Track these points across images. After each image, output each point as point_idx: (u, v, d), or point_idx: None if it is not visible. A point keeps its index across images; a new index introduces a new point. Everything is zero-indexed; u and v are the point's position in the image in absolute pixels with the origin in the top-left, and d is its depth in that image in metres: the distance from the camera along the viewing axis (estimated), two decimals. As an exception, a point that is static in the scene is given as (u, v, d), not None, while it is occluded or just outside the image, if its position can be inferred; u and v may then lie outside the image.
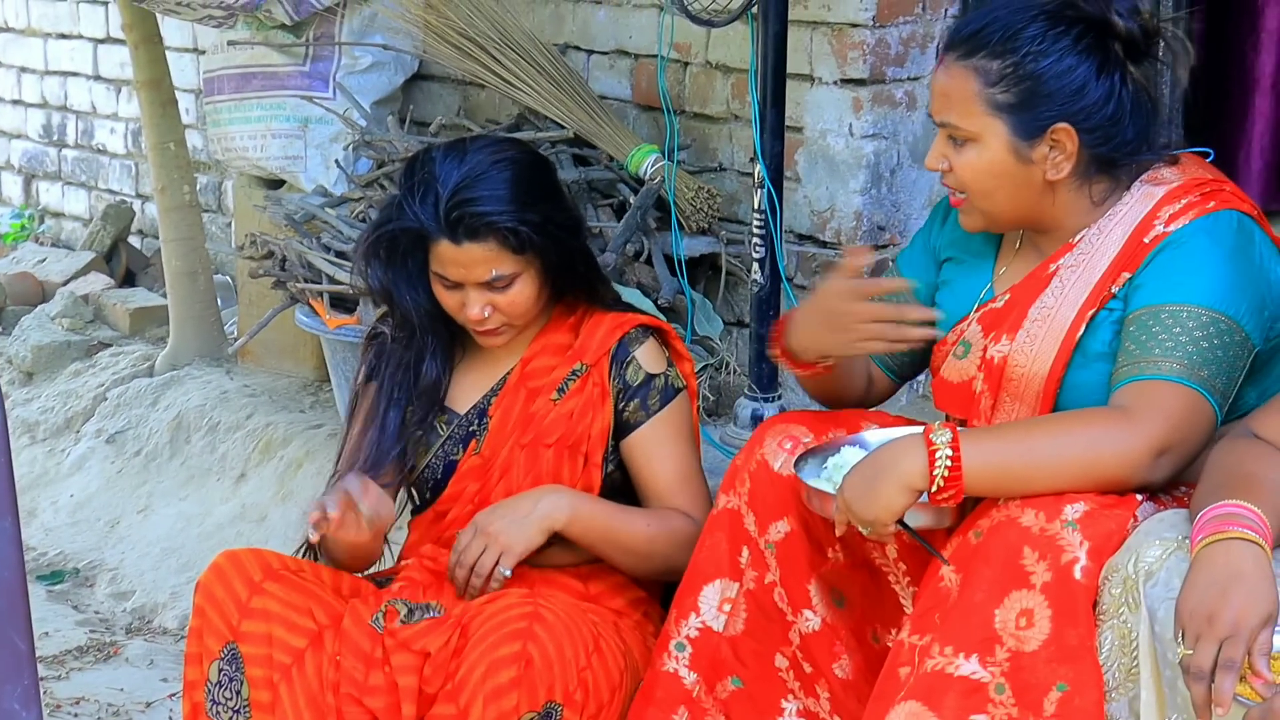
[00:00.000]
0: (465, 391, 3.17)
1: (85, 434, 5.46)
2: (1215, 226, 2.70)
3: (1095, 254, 2.77)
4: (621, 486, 3.15)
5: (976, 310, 2.89)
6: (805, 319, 2.93)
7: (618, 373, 3.11)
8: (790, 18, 3.89)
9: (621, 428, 3.12)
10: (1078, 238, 2.80)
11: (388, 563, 3.21)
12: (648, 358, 3.13)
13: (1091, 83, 2.72)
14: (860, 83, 4.19)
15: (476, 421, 3.13)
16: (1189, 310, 2.64)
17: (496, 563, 2.94)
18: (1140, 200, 2.77)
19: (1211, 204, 2.73)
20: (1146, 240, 2.72)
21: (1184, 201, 2.73)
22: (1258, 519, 2.34)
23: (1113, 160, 2.76)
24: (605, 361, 3.11)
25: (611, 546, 3.03)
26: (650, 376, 3.12)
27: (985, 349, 2.83)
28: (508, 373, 3.15)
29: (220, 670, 2.90)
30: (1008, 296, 2.85)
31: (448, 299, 3.05)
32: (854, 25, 4.17)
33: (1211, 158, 2.90)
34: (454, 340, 3.17)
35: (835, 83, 4.22)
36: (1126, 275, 2.73)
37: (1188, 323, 2.64)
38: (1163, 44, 2.82)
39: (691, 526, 3.05)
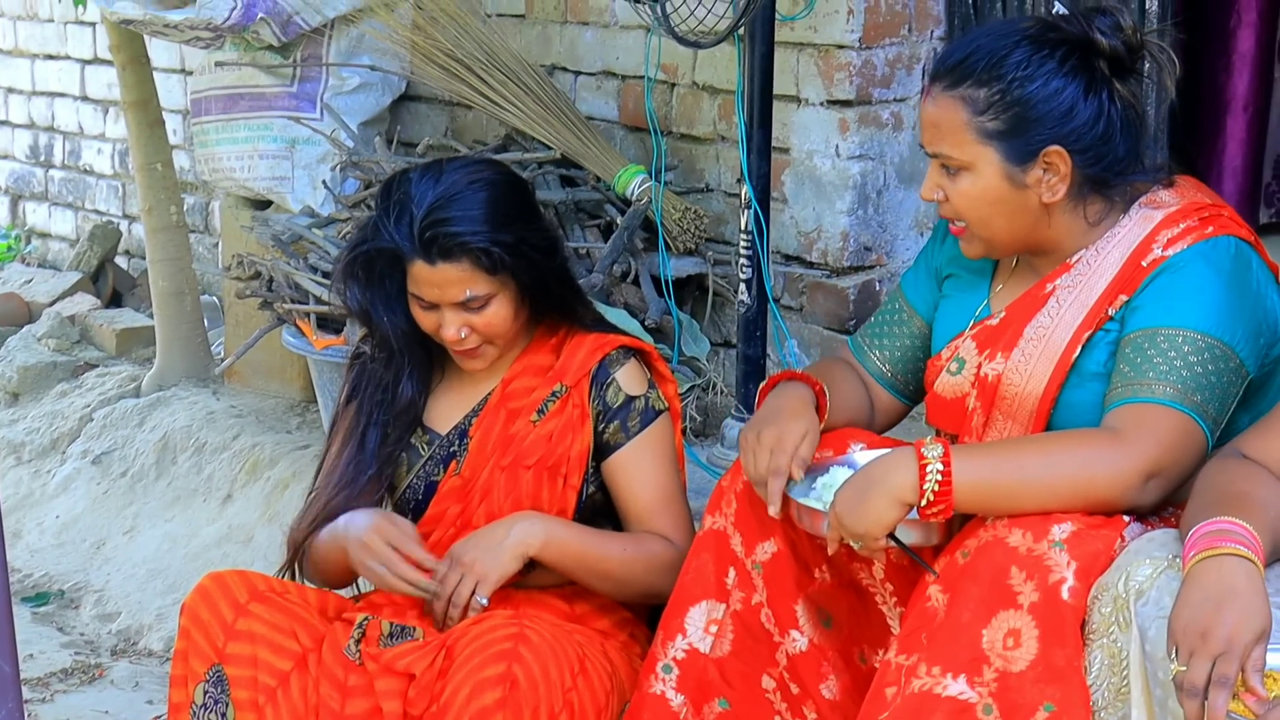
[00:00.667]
0: (447, 412, 3.17)
1: (71, 455, 5.45)
2: (1213, 252, 2.71)
3: (1092, 275, 2.78)
4: (603, 508, 3.14)
5: (972, 327, 2.89)
6: None
7: (598, 394, 3.10)
8: (777, 39, 3.90)
9: (602, 449, 3.11)
10: (1075, 258, 2.80)
11: (369, 585, 3.20)
12: (628, 379, 3.12)
13: (1080, 103, 2.73)
14: (847, 104, 4.20)
15: (457, 442, 3.13)
16: (1185, 335, 2.65)
17: (473, 592, 2.94)
18: (1138, 223, 2.77)
19: (1210, 229, 2.73)
20: (1144, 263, 2.72)
21: (1182, 226, 2.74)
22: (1250, 535, 2.34)
23: (1105, 180, 2.76)
24: (585, 383, 3.10)
25: (587, 571, 3.02)
26: (630, 398, 3.11)
27: (979, 366, 2.84)
28: (489, 393, 3.14)
29: (205, 693, 2.89)
30: (1003, 315, 2.85)
31: (425, 319, 3.05)
32: (840, 47, 4.18)
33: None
34: (431, 361, 3.17)
35: (822, 104, 4.23)
36: (1124, 298, 2.74)
37: (1183, 347, 2.64)
38: (1149, 57, 2.82)
39: (670, 550, 3.05)
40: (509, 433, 3.10)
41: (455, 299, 2.99)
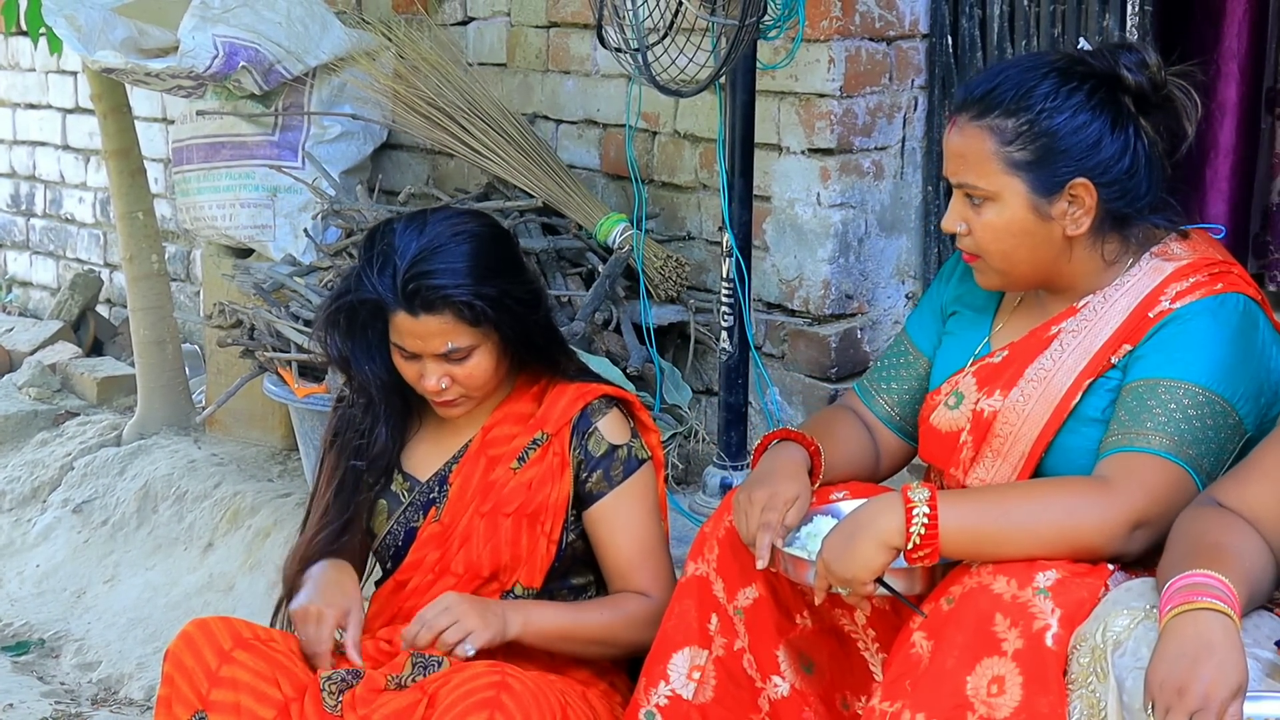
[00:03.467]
0: (427, 458, 3.17)
1: (52, 504, 5.43)
2: (1221, 308, 2.71)
3: (1098, 322, 2.78)
4: (583, 556, 3.14)
5: (973, 363, 2.89)
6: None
7: (579, 443, 3.10)
8: (758, 88, 3.92)
9: (584, 498, 3.11)
10: (1082, 303, 2.80)
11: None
12: (611, 428, 3.12)
13: (1106, 137, 2.73)
14: (828, 152, 4.21)
15: (437, 489, 3.13)
16: (1185, 388, 2.65)
17: (460, 639, 2.93)
18: (1149, 274, 2.77)
19: (1219, 285, 2.73)
20: (1151, 315, 2.73)
21: (1191, 280, 2.74)
22: (1226, 589, 2.34)
23: (1127, 216, 2.76)
24: (566, 432, 3.10)
25: (568, 645, 3.03)
26: (613, 447, 3.11)
27: (977, 402, 2.84)
28: (469, 440, 3.14)
29: None
30: (1005, 353, 2.85)
31: (406, 369, 3.05)
32: (821, 95, 4.20)
33: (1223, 235, 2.91)
34: (409, 410, 3.17)
35: (803, 152, 4.25)
36: (1127, 347, 2.74)
37: (1182, 400, 2.64)
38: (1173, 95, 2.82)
39: (648, 606, 3.06)
40: (489, 480, 3.10)
41: (437, 350, 2.99)
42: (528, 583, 3.09)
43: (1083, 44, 2.83)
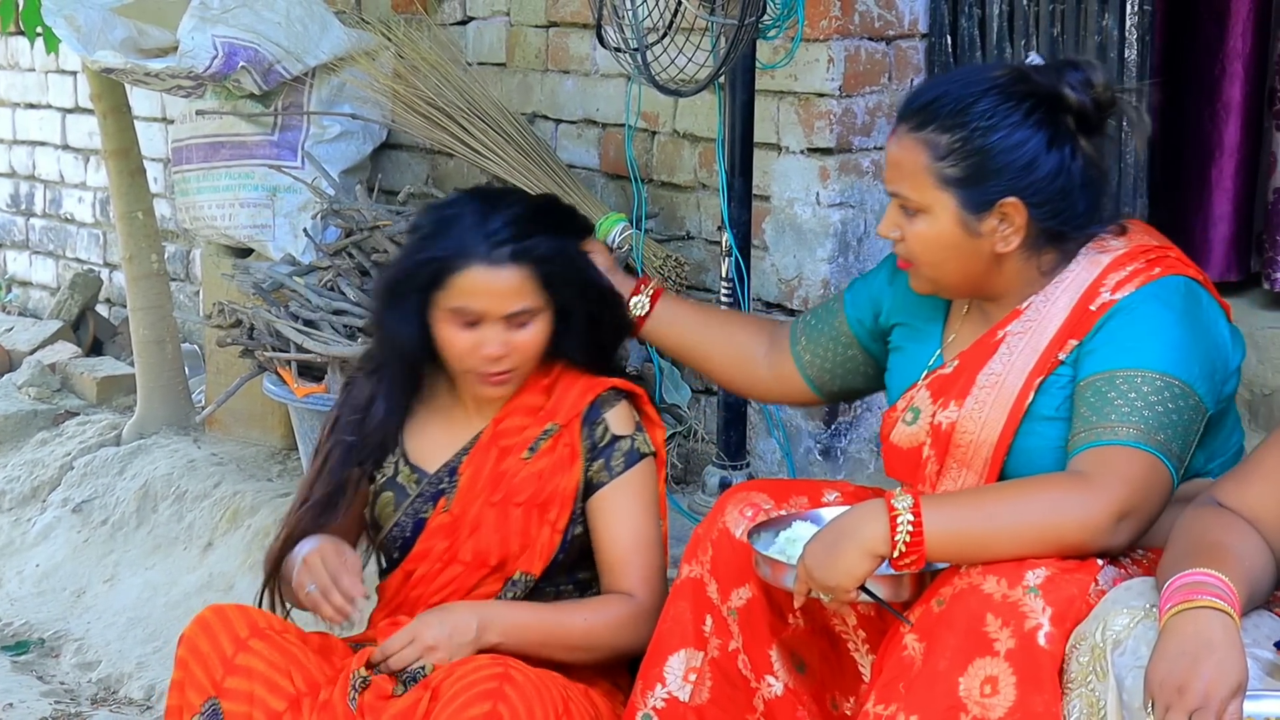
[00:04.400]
0: (435, 450, 3.18)
1: (51, 503, 5.43)
2: (1163, 292, 2.72)
3: (1042, 320, 2.78)
4: (588, 550, 3.15)
5: (925, 377, 2.90)
6: None
7: (588, 433, 3.12)
8: (757, 87, 3.92)
9: (588, 487, 3.12)
10: (1025, 304, 2.81)
11: (360, 625, 3.20)
12: (617, 420, 3.13)
13: (1041, 157, 2.73)
14: (827, 152, 4.21)
15: (446, 479, 3.14)
16: (1143, 375, 2.65)
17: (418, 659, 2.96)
18: (1086, 267, 2.78)
19: (1157, 270, 2.74)
20: (1093, 308, 2.73)
21: (1129, 269, 2.75)
22: (1226, 587, 2.34)
23: (1062, 233, 2.78)
24: (577, 423, 3.12)
25: (550, 649, 3.02)
26: (616, 438, 3.12)
27: (934, 415, 2.84)
28: (479, 432, 3.15)
29: None
30: (956, 363, 2.86)
31: (460, 340, 3.04)
32: (820, 95, 4.20)
33: None
34: (415, 391, 3.17)
35: (802, 152, 4.25)
36: (1074, 343, 2.74)
37: (1142, 388, 2.65)
38: (1123, 114, 2.84)
39: (632, 609, 3.06)
40: (500, 470, 3.11)
41: (507, 309, 3.02)
42: (527, 569, 3.09)
43: (1033, 58, 2.83)
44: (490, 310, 3.01)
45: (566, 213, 3.19)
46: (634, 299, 3.23)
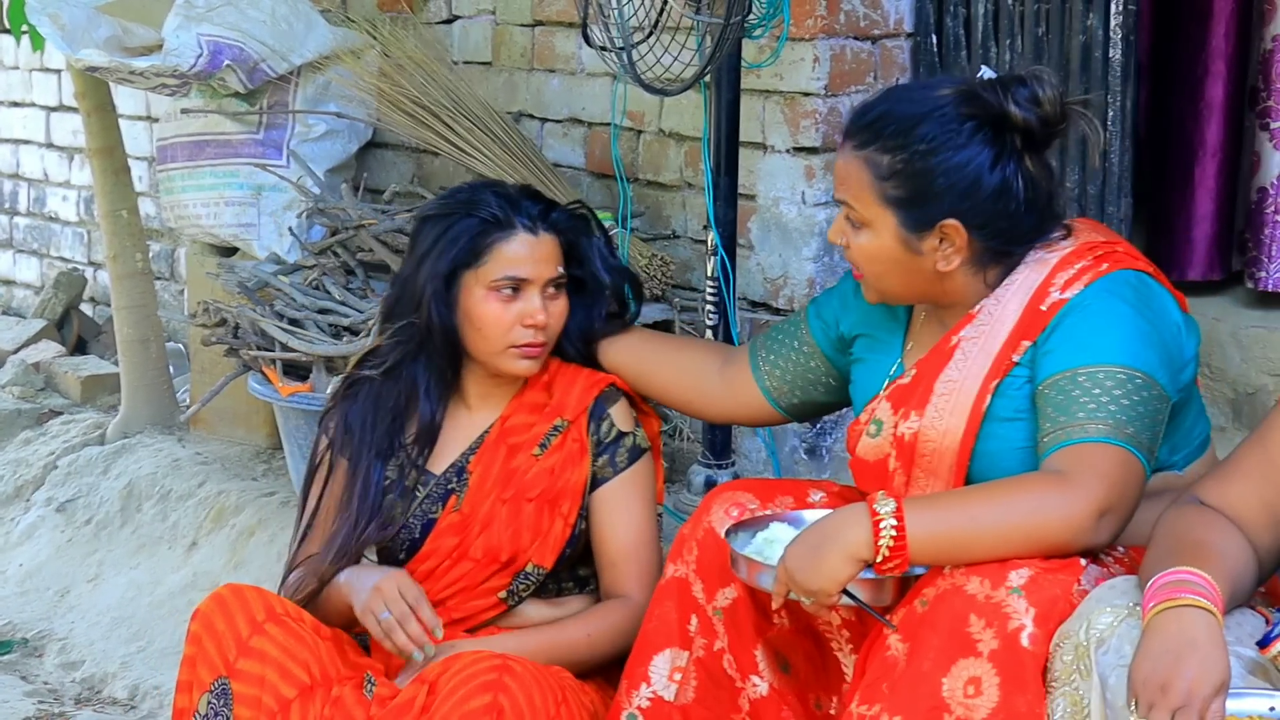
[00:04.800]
0: (441, 452, 3.19)
1: (35, 502, 5.42)
2: (1114, 285, 2.73)
3: (994, 324, 2.79)
4: (588, 544, 3.19)
5: (886, 387, 2.90)
6: None
7: (595, 428, 3.16)
8: (743, 87, 3.92)
9: (593, 482, 3.16)
10: (977, 308, 2.82)
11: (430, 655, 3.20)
12: (620, 416, 3.19)
13: (984, 179, 2.73)
14: (813, 151, 4.21)
15: (455, 479, 3.16)
16: (1105, 370, 2.66)
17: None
18: (1034, 268, 2.79)
19: (1105, 266, 2.75)
20: (1044, 308, 2.74)
21: (1077, 267, 2.75)
22: (1209, 585, 2.34)
23: (1005, 251, 2.79)
24: (584, 418, 3.16)
25: (557, 663, 3.04)
26: (621, 434, 3.18)
27: (896, 426, 2.85)
28: (485, 430, 3.18)
29: (209, 704, 2.90)
30: (914, 372, 2.86)
31: (505, 314, 3.08)
32: (806, 94, 4.20)
33: None
34: (457, 379, 3.19)
35: (788, 151, 4.25)
36: (1027, 343, 2.75)
37: (1106, 383, 2.65)
38: (1077, 125, 2.83)
39: (631, 612, 3.09)
40: (510, 467, 3.14)
41: (549, 275, 3.11)
42: (539, 561, 3.12)
43: (985, 72, 2.83)
44: (535, 276, 3.09)
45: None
46: None
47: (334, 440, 3.19)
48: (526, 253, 3.09)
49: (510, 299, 3.09)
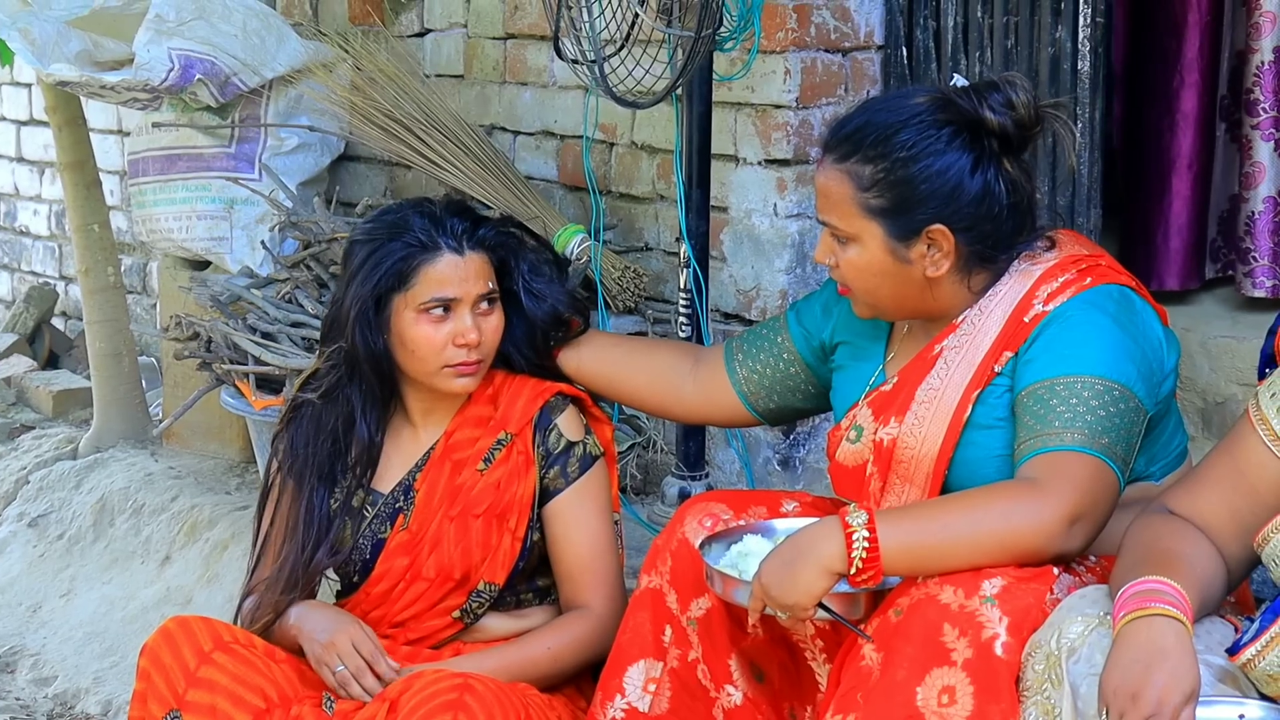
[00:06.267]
0: (387, 470, 3.18)
1: (7, 518, 5.40)
2: (1097, 298, 2.75)
3: (977, 334, 2.80)
4: (546, 556, 3.18)
5: (867, 395, 2.92)
6: None
7: (541, 440, 3.14)
8: (715, 99, 3.93)
9: (543, 495, 3.14)
10: (960, 318, 2.83)
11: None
12: (568, 425, 3.17)
13: (965, 183, 2.75)
14: (784, 163, 4.22)
15: (403, 497, 3.14)
16: (1083, 381, 2.67)
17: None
18: (1018, 280, 2.80)
19: (1089, 280, 2.77)
20: (1026, 319, 2.76)
21: (1061, 280, 2.77)
22: (1179, 595, 2.36)
23: (991, 255, 2.80)
24: (529, 430, 3.14)
25: (518, 680, 3.03)
26: (570, 444, 3.15)
27: (875, 431, 2.86)
28: (430, 448, 3.16)
29: None
30: (896, 379, 2.88)
31: (436, 335, 3.06)
32: (777, 106, 4.21)
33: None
34: (392, 400, 3.18)
35: (760, 163, 4.26)
36: (1009, 354, 2.77)
37: (1083, 393, 2.67)
38: (1051, 129, 2.84)
39: (592, 624, 3.09)
40: (456, 483, 3.12)
41: (480, 291, 3.07)
42: (490, 578, 3.11)
43: (957, 80, 2.85)
44: (463, 295, 3.06)
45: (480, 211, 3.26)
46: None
47: (282, 463, 3.19)
48: (453, 273, 3.06)
49: (441, 319, 3.06)
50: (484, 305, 3.09)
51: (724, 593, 2.78)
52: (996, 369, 2.77)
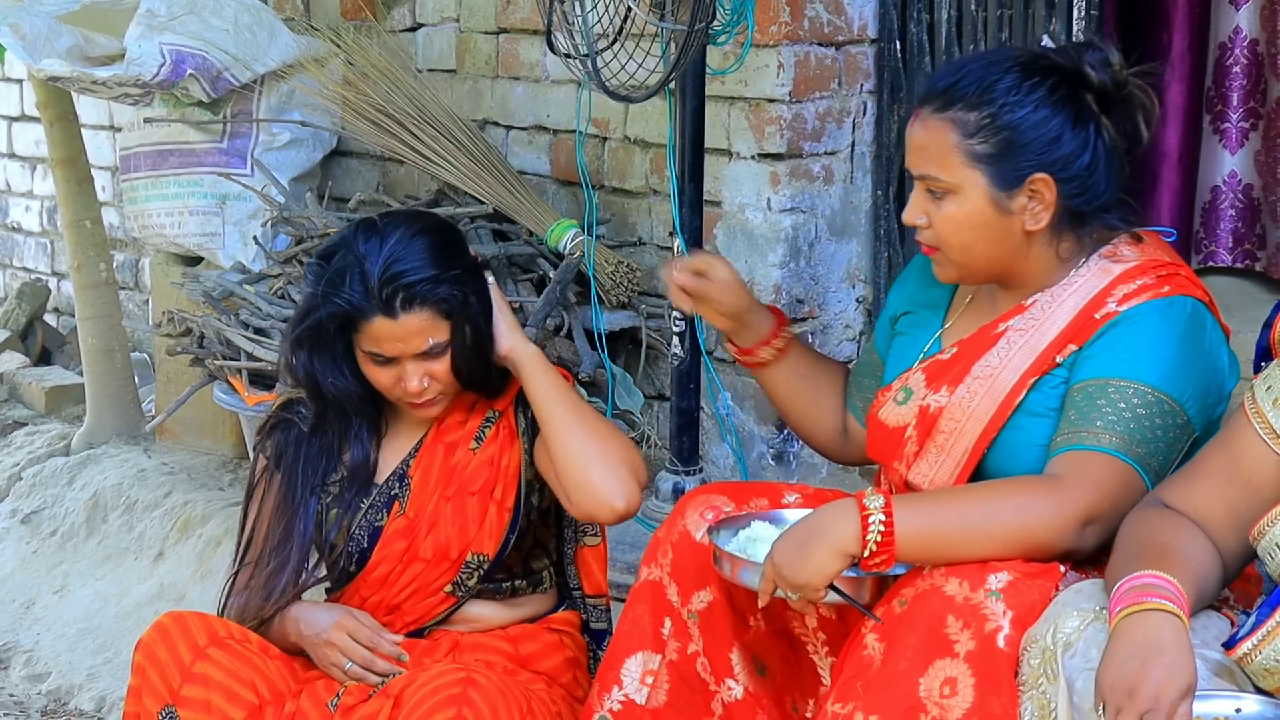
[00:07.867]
0: (380, 462, 3.19)
1: (0, 514, 5.39)
2: (1169, 310, 2.72)
3: (1045, 321, 2.79)
4: (542, 538, 3.20)
5: (922, 361, 2.90)
6: None
7: (520, 415, 3.15)
8: (708, 93, 3.92)
9: (529, 463, 3.14)
10: (1030, 300, 2.81)
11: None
12: None
13: (1067, 133, 2.74)
14: (778, 157, 4.22)
15: (398, 484, 3.15)
16: (1135, 387, 2.67)
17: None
18: (1096, 275, 2.78)
19: (1166, 288, 2.74)
20: (1097, 316, 2.74)
21: (1139, 283, 2.75)
22: (1175, 589, 2.35)
23: (1084, 214, 2.77)
24: (511, 407, 3.16)
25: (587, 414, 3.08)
26: None
27: (925, 396, 2.85)
28: (423, 435, 3.17)
29: None
30: (955, 350, 2.86)
31: (381, 376, 3.05)
32: (771, 100, 4.21)
33: (1174, 239, 2.93)
34: (380, 415, 3.18)
35: (753, 157, 4.25)
36: (1073, 347, 2.75)
37: (1132, 399, 2.66)
38: (1131, 96, 2.83)
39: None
40: (450, 464, 3.13)
41: (418, 349, 3.01)
42: (478, 549, 3.11)
43: (1046, 41, 2.84)
44: (400, 353, 3.02)
45: (449, 237, 3.12)
46: (762, 349, 3.15)
47: (269, 464, 3.19)
48: (387, 333, 3.00)
49: (385, 366, 3.04)
50: (428, 355, 3.03)
51: (733, 575, 2.77)
52: (1058, 359, 2.75)
